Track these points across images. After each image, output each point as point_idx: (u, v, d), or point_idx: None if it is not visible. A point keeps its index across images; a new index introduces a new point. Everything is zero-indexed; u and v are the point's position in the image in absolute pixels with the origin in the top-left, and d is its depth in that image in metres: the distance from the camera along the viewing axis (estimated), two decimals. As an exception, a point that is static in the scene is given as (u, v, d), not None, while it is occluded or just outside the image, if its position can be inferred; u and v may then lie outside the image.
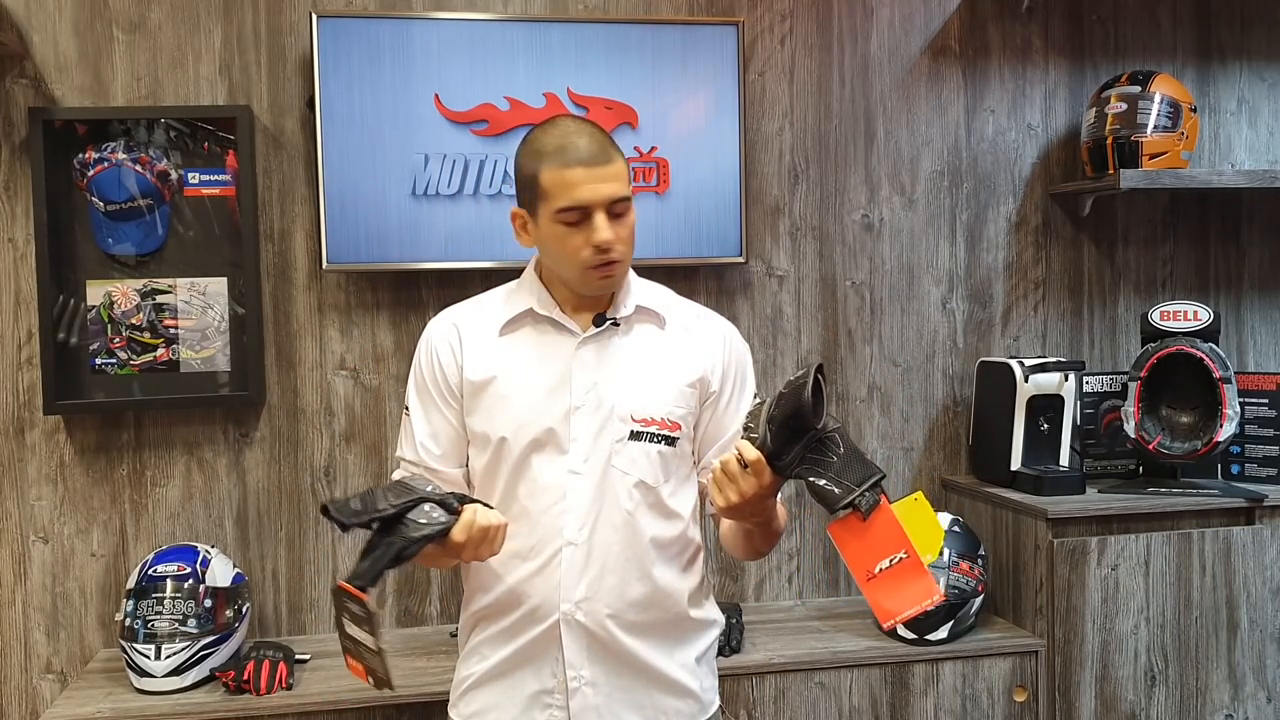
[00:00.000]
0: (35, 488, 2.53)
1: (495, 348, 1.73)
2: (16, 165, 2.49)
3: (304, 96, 2.59)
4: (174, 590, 2.31)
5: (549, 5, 2.70)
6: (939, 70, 2.91)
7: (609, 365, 1.71)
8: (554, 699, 1.70)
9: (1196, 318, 2.68)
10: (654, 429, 1.69)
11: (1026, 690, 2.52)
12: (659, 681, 1.73)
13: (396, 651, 2.52)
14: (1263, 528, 2.61)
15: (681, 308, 1.83)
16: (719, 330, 1.82)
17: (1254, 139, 3.09)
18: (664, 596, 1.72)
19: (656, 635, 1.73)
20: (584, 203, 1.62)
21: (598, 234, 1.62)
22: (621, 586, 1.69)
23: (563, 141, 1.64)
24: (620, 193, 1.64)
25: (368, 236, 2.55)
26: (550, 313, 1.73)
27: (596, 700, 1.69)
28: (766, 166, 2.82)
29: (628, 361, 1.73)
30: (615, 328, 1.74)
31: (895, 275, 2.90)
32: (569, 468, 1.68)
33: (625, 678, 1.71)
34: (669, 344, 1.76)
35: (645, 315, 1.77)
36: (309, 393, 2.64)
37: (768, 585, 2.85)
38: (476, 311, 1.79)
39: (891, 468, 2.91)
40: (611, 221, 1.64)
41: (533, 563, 1.68)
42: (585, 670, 1.69)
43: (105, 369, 2.52)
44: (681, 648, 1.76)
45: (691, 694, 1.77)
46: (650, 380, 1.72)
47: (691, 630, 1.78)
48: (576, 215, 1.63)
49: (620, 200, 1.65)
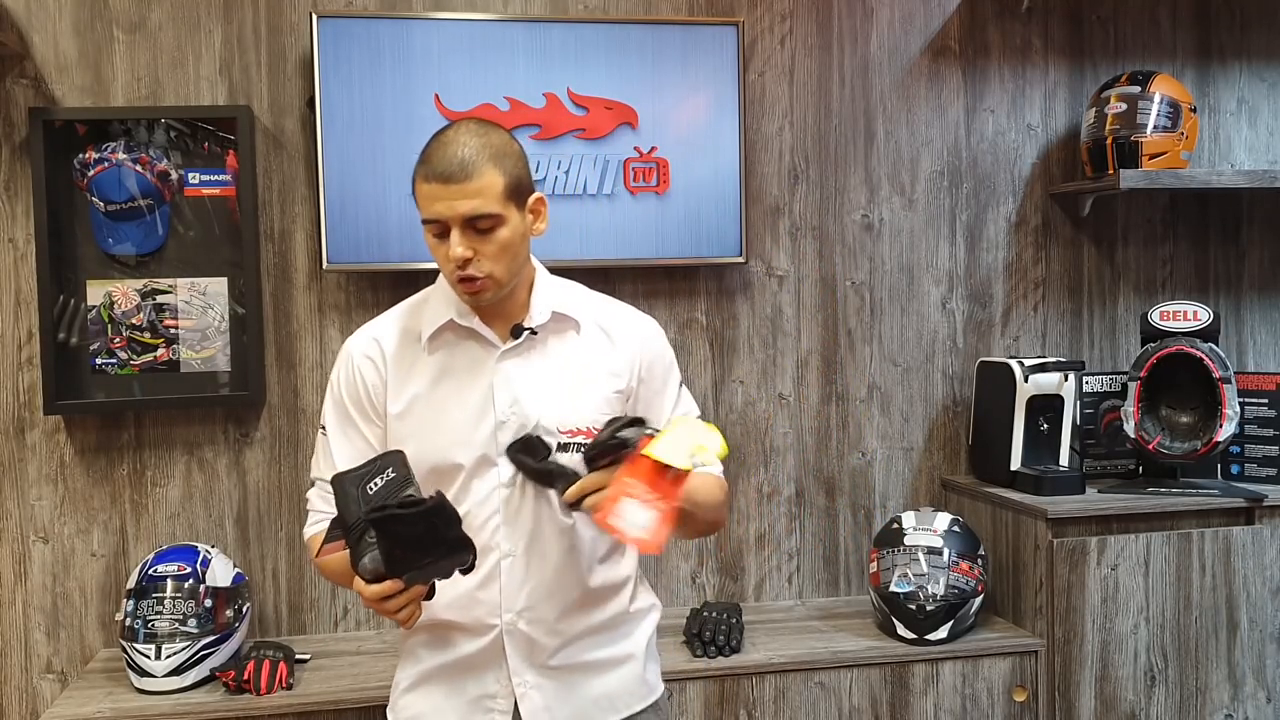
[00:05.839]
0: (35, 488, 2.53)
1: (419, 365, 1.70)
2: (16, 165, 2.49)
3: (304, 96, 2.59)
4: (174, 590, 2.31)
5: (549, 5, 2.70)
6: (939, 70, 2.91)
7: (529, 379, 1.68)
8: (496, 703, 1.69)
9: (1196, 318, 2.68)
10: (580, 439, 1.65)
11: (1026, 690, 2.52)
12: (607, 674, 1.75)
13: (396, 651, 2.51)
14: (1262, 528, 2.61)
15: (598, 308, 1.77)
16: (636, 331, 1.77)
17: (1254, 139, 3.09)
18: (604, 598, 1.73)
19: (600, 633, 1.74)
20: (437, 216, 1.58)
21: (452, 249, 1.57)
22: (563, 594, 1.68)
23: (431, 152, 1.60)
24: (478, 210, 1.57)
25: (368, 236, 2.55)
26: (470, 323, 1.68)
27: (546, 701, 1.69)
28: (766, 166, 2.82)
29: (548, 373, 1.69)
30: (534, 336, 1.69)
31: (895, 275, 2.90)
32: (501, 481, 1.66)
33: (572, 676, 1.71)
34: (587, 349, 1.72)
35: (562, 322, 1.72)
36: (309, 393, 2.64)
37: (768, 585, 2.85)
38: (397, 326, 1.74)
39: (891, 467, 2.91)
40: (474, 237, 1.58)
41: (474, 575, 1.61)
42: (529, 676, 1.69)
43: (105, 369, 2.52)
44: (625, 640, 1.77)
45: (641, 682, 1.78)
46: (571, 390, 1.68)
47: (633, 621, 1.79)
48: (437, 228, 1.59)
49: (482, 217, 1.58)
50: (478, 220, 1.57)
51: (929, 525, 2.59)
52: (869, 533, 2.87)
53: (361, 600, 1.49)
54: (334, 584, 1.72)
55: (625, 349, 1.73)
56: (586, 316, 1.74)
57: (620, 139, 2.65)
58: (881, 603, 2.56)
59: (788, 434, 2.85)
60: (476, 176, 1.56)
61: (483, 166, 1.57)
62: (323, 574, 1.72)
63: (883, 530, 2.67)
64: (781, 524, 2.85)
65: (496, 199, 1.58)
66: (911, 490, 2.92)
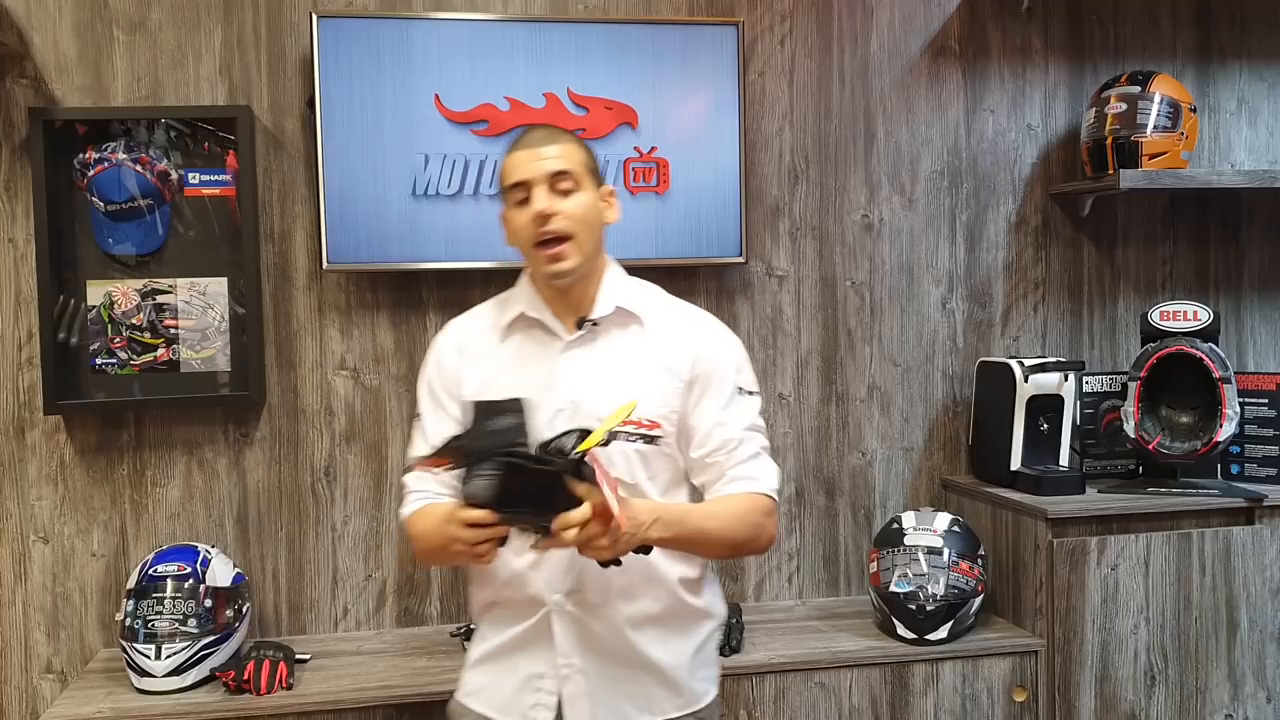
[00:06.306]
0: (35, 488, 2.53)
1: (493, 355, 1.80)
2: (16, 165, 2.49)
3: (304, 96, 2.59)
4: (174, 590, 2.31)
5: (549, 5, 2.70)
6: (939, 70, 2.91)
7: (589, 369, 1.76)
8: (544, 683, 1.75)
9: (1196, 318, 2.68)
10: (630, 428, 1.72)
11: (1026, 690, 2.52)
12: (650, 672, 1.76)
13: (396, 651, 2.52)
14: (1262, 528, 2.61)
15: (665, 307, 1.86)
16: (698, 328, 1.84)
17: (1253, 139, 3.09)
18: (653, 586, 1.75)
19: (648, 625, 1.76)
20: (522, 179, 1.72)
21: (534, 204, 1.70)
22: (607, 578, 1.70)
23: (517, 139, 1.78)
24: (557, 167, 1.71)
25: (368, 236, 2.55)
26: (540, 315, 1.79)
27: (587, 687, 1.74)
28: (766, 166, 2.82)
29: (607, 364, 1.77)
30: (596, 328, 1.78)
31: (895, 275, 2.90)
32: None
33: (615, 667, 1.75)
34: (648, 345, 1.79)
35: (625, 317, 1.81)
36: (309, 393, 2.64)
37: (768, 585, 2.85)
38: (479, 318, 1.88)
39: (891, 468, 2.91)
40: (555, 197, 1.72)
41: (526, 556, 1.71)
42: (576, 659, 1.74)
43: (105, 369, 2.52)
44: (675, 638, 1.78)
45: (684, 687, 1.79)
46: (627, 382, 1.74)
47: (687, 620, 1.80)
48: (521, 193, 1.73)
49: (560, 175, 1.72)
50: (560, 178, 1.72)
51: (929, 525, 2.59)
52: (869, 533, 2.87)
53: (446, 536, 1.58)
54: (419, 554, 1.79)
55: (685, 347, 1.79)
56: (652, 313, 1.82)
57: (620, 139, 2.65)
58: (881, 603, 2.56)
59: (788, 434, 2.85)
60: (559, 143, 1.75)
61: (565, 138, 1.77)
62: (415, 544, 1.78)
63: (883, 530, 2.67)
64: (781, 524, 2.85)
65: (577, 164, 1.74)
66: (911, 490, 2.92)
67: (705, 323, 1.86)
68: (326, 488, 2.65)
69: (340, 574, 2.66)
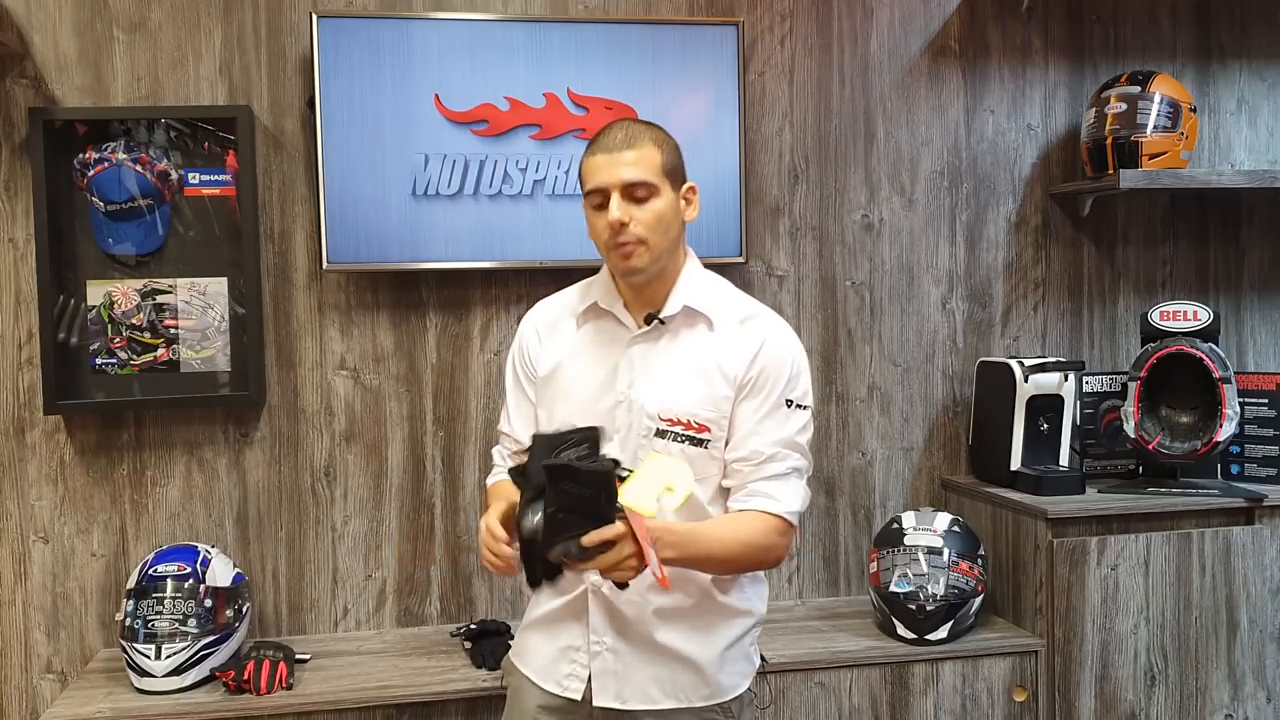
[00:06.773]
0: (35, 488, 2.53)
1: (567, 340, 1.87)
2: (16, 165, 2.49)
3: (304, 96, 2.59)
4: (174, 590, 2.31)
5: (549, 5, 2.70)
6: (939, 70, 2.91)
7: (651, 365, 1.80)
8: (578, 656, 1.81)
9: (1196, 318, 2.68)
10: (679, 429, 1.76)
11: (1026, 690, 2.52)
12: (677, 660, 1.79)
13: (396, 651, 2.52)
14: (1262, 528, 2.61)
15: (735, 308, 1.85)
16: (761, 332, 1.81)
17: (1253, 139, 3.09)
18: (685, 581, 1.77)
19: (677, 619, 1.79)
20: (599, 185, 1.74)
21: (610, 214, 1.72)
22: None
23: (600, 135, 1.78)
24: (636, 177, 1.72)
25: (368, 236, 2.55)
26: (612, 307, 1.84)
27: (616, 666, 1.79)
28: (766, 166, 2.82)
29: (669, 362, 1.80)
30: (663, 326, 1.81)
31: (895, 275, 2.90)
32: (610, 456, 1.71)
33: (643, 651, 1.79)
34: (713, 346, 1.80)
35: (693, 316, 1.82)
36: (309, 393, 2.64)
37: (768, 585, 2.85)
38: (558, 305, 1.93)
39: (891, 468, 2.91)
40: (630, 204, 1.73)
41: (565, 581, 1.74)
42: (607, 638, 1.80)
43: (105, 369, 2.52)
44: (704, 634, 1.81)
45: (711, 679, 1.81)
46: (682, 381, 1.77)
47: (718, 617, 1.82)
48: (599, 198, 1.75)
49: (638, 184, 1.72)
50: (635, 188, 1.73)
51: (929, 525, 2.59)
52: (869, 533, 2.87)
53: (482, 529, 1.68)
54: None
55: (745, 352, 1.79)
56: (720, 314, 1.83)
57: (620, 139, 2.64)
58: (881, 603, 2.56)
59: (788, 434, 2.84)
60: (638, 147, 1.74)
61: (644, 141, 1.76)
62: None
63: (883, 530, 2.67)
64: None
65: (654, 170, 1.75)
66: (911, 490, 2.92)
67: (770, 328, 1.83)
68: (326, 488, 2.65)
69: (340, 574, 2.66)
